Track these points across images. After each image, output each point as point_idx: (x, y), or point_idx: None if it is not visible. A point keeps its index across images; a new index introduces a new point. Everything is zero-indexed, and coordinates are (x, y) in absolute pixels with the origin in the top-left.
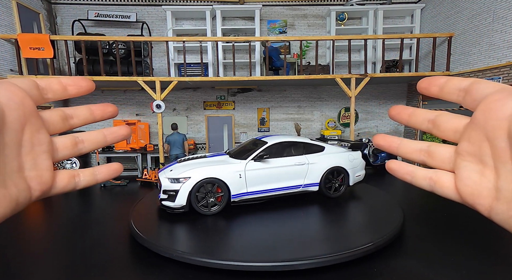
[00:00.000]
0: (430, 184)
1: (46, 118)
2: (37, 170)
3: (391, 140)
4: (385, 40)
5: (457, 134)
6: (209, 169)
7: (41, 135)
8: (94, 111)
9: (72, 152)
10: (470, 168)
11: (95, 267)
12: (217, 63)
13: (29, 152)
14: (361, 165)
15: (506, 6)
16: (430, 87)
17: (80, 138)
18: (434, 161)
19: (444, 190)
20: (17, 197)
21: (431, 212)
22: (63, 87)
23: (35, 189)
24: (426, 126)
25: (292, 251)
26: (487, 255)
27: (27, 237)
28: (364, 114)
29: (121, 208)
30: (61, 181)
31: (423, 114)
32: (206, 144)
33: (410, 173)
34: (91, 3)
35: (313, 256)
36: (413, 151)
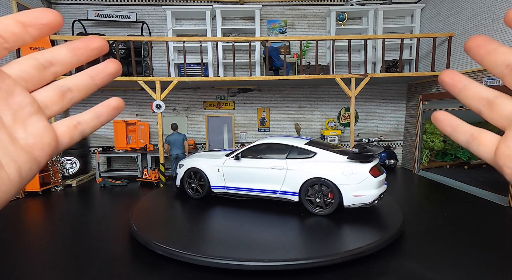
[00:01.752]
0: (468, 139)
1: (18, 74)
2: (34, 136)
3: (458, 79)
4: (385, 40)
5: None
6: (196, 160)
7: (18, 98)
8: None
9: (62, 104)
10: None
11: (95, 267)
12: (217, 63)
13: (14, 120)
14: (366, 183)
15: (506, 6)
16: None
17: (65, 86)
18: (492, 113)
19: (480, 147)
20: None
21: (431, 212)
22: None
23: (40, 155)
24: (501, 71)
25: (292, 251)
26: (487, 255)
27: (27, 237)
28: (364, 114)
29: (121, 208)
30: (64, 136)
31: (507, 54)
32: (206, 144)
33: (453, 126)
34: (91, 3)
35: (314, 256)
36: (477, 96)
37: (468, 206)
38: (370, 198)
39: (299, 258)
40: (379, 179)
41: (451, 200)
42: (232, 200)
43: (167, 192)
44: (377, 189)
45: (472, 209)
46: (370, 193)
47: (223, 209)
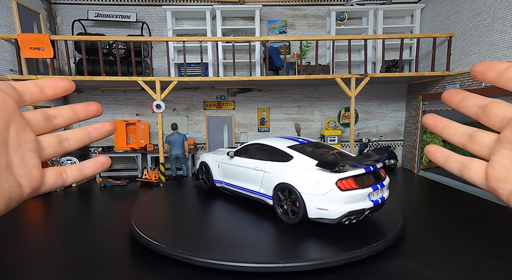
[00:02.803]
0: (460, 168)
1: (29, 119)
2: (26, 168)
3: (439, 120)
4: (385, 40)
5: (504, 122)
6: (207, 155)
7: (27, 134)
8: (77, 111)
9: (57, 149)
10: (505, 155)
11: (95, 267)
12: (217, 63)
13: (16, 150)
14: (330, 195)
15: (506, 6)
16: (487, 72)
17: (64, 136)
18: (474, 145)
19: (472, 174)
20: (9, 192)
21: (431, 212)
22: (39, 89)
23: (25, 186)
24: (475, 112)
25: (292, 252)
26: (487, 255)
27: (27, 237)
28: (364, 114)
29: (121, 208)
30: (50, 178)
31: (476, 99)
32: (206, 144)
33: (445, 157)
34: (91, 3)
35: (314, 258)
36: (457, 133)
37: (468, 206)
38: (335, 214)
39: (298, 260)
40: (352, 193)
41: (451, 200)
42: (233, 199)
43: (167, 192)
44: (347, 204)
45: (472, 209)
46: (335, 208)
47: (224, 208)
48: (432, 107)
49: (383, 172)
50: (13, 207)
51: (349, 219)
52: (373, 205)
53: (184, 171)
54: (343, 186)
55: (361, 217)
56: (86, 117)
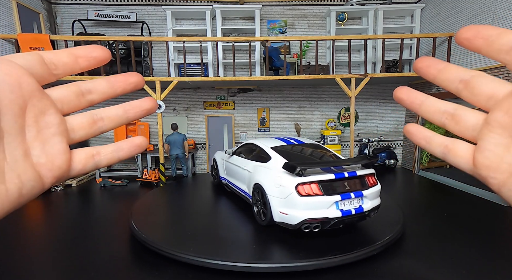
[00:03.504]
0: (444, 151)
1: (58, 97)
2: (48, 155)
3: (414, 96)
4: (385, 40)
5: (491, 102)
6: (218, 153)
7: (49, 117)
8: (115, 83)
9: (90, 131)
10: (496, 140)
11: (95, 267)
12: (217, 63)
13: (36, 136)
14: (290, 199)
15: (506, 6)
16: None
17: (98, 115)
18: (457, 125)
19: (457, 158)
20: (19, 190)
21: (431, 212)
22: (73, 59)
23: (46, 176)
24: (456, 87)
25: (292, 252)
26: (487, 255)
27: (27, 237)
28: (364, 114)
29: (121, 208)
30: (78, 162)
31: (457, 71)
32: (206, 144)
33: (426, 138)
34: (91, 3)
35: (313, 258)
36: (437, 110)
37: (468, 206)
38: (294, 220)
39: (298, 260)
40: (311, 199)
41: (451, 200)
42: (234, 199)
43: (167, 192)
44: (305, 211)
45: (472, 209)
46: (294, 214)
47: (225, 208)
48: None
49: (370, 180)
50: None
51: (309, 227)
52: (341, 215)
53: (184, 171)
54: (302, 191)
55: (327, 226)
56: (125, 91)
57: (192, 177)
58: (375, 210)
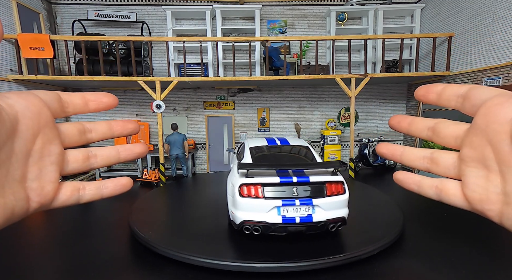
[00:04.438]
0: (436, 192)
1: (63, 131)
2: (40, 181)
3: (393, 148)
4: (385, 40)
5: (458, 141)
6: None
7: (53, 147)
8: (114, 127)
9: (82, 165)
10: (475, 174)
11: (95, 267)
12: (217, 63)
13: (37, 162)
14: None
15: (506, 6)
16: (428, 94)
17: (93, 153)
18: (439, 167)
19: (451, 197)
20: (13, 206)
21: (431, 212)
22: (84, 102)
23: (33, 201)
24: (426, 134)
25: (291, 253)
26: (487, 255)
27: (27, 237)
28: (364, 114)
29: (121, 208)
30: (64, 194)
31: (423, 122)
32: (206, 144)
33: (416, 183)
34: (91, 3)
35: (313, 258)
36: (417, 158)
37: None
38: (236, 220)
39: (298, 259)
40: (249, 201)
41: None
42: None
43: (167, 192)
44: (244, 212)
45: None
46: (236, 214)
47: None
48: (431, 107)
49: (332, 188)
50: (15, 221)
51: (249, 229)
52: (282, 222)
53: (184, 171)
54: (243, 192)
55: (269, 231)
56: (121, 135)
57: (192, 177)
58: (336, 223)
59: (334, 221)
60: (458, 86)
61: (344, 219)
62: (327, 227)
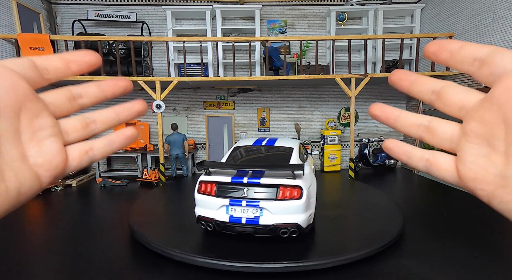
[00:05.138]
0: (426, 165)
1: (50, 101)
2: (44, 156)
3: (389, 111)
4: (385, 40)
5: (463, 111)
6: None
7: (42, 120)
8: (105, 88)
9: (84, 133)
10: (476, 151)
11: (95, 267)
12: (217, 63)
13: (31, 138)
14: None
15: (506, 6)
16: (440, 53)
17: (91, 118)
18: (434, 137)
19: (441, 172)
20: (18, 188)
21: (431, 212)
22: (65, 64)
23: (44, 176)
24: (429, 98)
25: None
26: (487, 255)
27: (27, 237)
28: (364, 114)
29: (121, 208)
30: (74, 160)
31: (429, 83)
32: (206, 144)
33: (407, 153)
34: (91, 3)
35: (313, 258)
36: (412, 124)
37: (468, 206)
38: (195, 214)
39: (299, 260)
40: (202, 197)
41: (451, 200)
42: None
43: (167, 192)
44: (199, 208)
45: (472, 209)
46: (195, 209)
47: None
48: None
49: (286, 192)
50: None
51: (204, 224)
52: (228, 221)
53: (184, 171)
54: (200, 189)
55: (219, 228)
56: (114, 95)
57: (192, 177)
58: (288, 228)
59: (284, 226)
60: (477, 46)
61: (298, 226)
62: (278, 232)
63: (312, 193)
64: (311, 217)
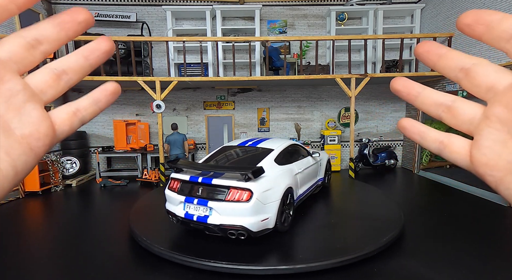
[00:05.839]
0: (439, 147)
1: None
2: (29, 125)
3: (411, 86)
4: (385, 40)
5: (491, 93)
6: None
7: (10, 84)
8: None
9: (59, 88)
10: (494, 137)
11: (95, 267)
12: (217, 63)
13: (7, 108)
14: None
15: (506, 6)
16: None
17: (59, 68)
18: (454, 118)
19: (453, 155)
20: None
21: (431, 212)
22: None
23: (37, 146)
24: (456, 75)
25: (290, 254)
26: (487, 255)
27: (27, 237)
28: (364, 114)
29: (121, 208)
30: (63, 124)
31: (458, 58)
32: (206, 144)
33: (421, 133)
34: (91, 3)
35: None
36: (434, 102)
37: (468, 206)
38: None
39: (298, 261)
40: (169, 193)
41: (451, 200)
42: None
43: None
44: (167, 202)
45: (472, 209)
46: (166, 204)
47: None
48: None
49: (236, 194)
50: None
51: (171, 217)
52: (183, 217)
53: None
54: (169, 185)
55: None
56: (77, 33)
57: None
58: (234, 230)
59: (230, 228)
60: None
61: (245, 229)
62: (226, 232)
63: (270, 197)
64: (268, 222)
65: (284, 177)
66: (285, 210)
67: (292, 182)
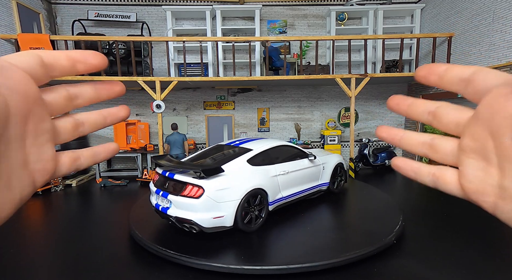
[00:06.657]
0: (433, 179)
1: (50, 102)
2: (42, 161)
3: (394, 132)
4: (385, 40)
5: (459, 128)
6: None
7: (45, 124)
8: (100, 91)
9: (72, 135)
10: (474, 165)
11: (95, 267)
12: (217, 63)
13: (33, 143)
14: None
15: (506, 6)
16: (429, 75)
17: (80, 120)
18: (437, 154)
19: (448, 186)
20: (20, 195)
21: (431, 212)
22: (71, 63)
23: (39, 181)
24: (426, 118)
25: (291, 254)
26: (487, 255)
27: (27, 237)
28: (364, 114)
29: (121, 208)
30: (63, 166)
31: (423, 105)
32: (206, 144)
33: (414, 170)
34: (91, 3)
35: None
36: (416, 143)
37: (468, 206)
38: None
39: (298, 261)
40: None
41: (451, 200)
42: None
43: None
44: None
45: (472, 209)
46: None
47: None
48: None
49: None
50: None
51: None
52: (154, 206)
53: None
54: (153, 179)
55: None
56: (108, 98)
57: None
58: (187, 223)
59: (182, 221)
60: (462, 68)
61: (195, 223)
62: (181, 224)
63: (226, 196)
64: (223, 220)
65: (253, 178)
66: (251, 211)
67: (266, 184)
